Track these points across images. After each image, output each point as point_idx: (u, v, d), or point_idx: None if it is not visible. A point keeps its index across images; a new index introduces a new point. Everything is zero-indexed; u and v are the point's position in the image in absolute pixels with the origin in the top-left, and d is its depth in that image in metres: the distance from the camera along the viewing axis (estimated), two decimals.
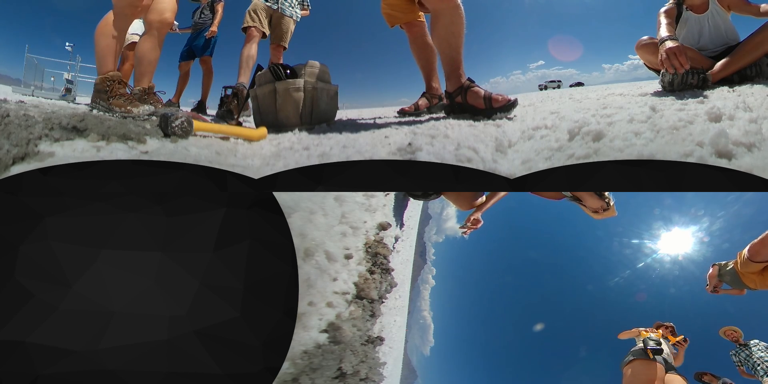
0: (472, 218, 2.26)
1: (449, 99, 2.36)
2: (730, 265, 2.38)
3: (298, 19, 3.06)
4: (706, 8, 2.56)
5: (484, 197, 2.30)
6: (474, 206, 2.29)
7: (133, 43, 3.03)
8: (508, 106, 2.21)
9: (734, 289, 2.43)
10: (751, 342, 2.45)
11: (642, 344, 2.31)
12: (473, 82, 2.26)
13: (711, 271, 2.47)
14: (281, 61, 2.98)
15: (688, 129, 1.85)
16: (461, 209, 2.35)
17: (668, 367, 2.27)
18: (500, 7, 2.94)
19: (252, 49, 2.93)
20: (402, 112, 2.75)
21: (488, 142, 2.00)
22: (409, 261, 3.12)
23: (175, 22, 3.24)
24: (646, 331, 2.40)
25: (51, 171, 1.79)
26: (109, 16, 2.26)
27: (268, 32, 3.00)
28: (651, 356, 2.25)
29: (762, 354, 2.37)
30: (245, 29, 2.97)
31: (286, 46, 3.04)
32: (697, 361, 2.53)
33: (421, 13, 2.59)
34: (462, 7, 2.19)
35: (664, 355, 2.30)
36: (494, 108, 2.21)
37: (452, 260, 3.28)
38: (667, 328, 2.48)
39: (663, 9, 2.58)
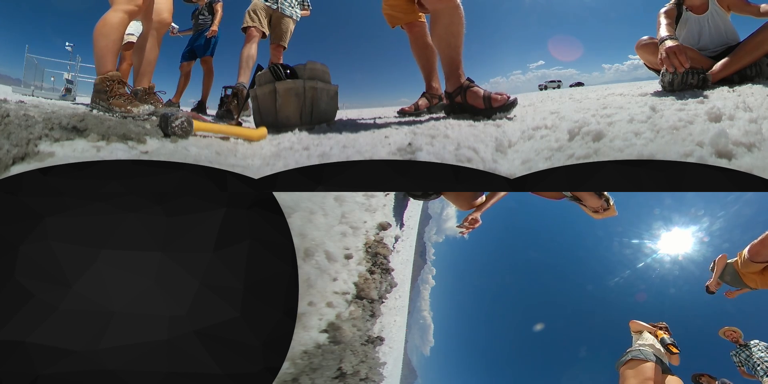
0: (470, 218, 2.26)
1: (449, 99, 2.38)
2: (731, 264, 2.38)
3: (298, 19, 3.06)
4: (706, 9, 2.55)
5: (483, 197, 2.29)
6: (474, 206, 2.29)
7: (130, 44, 3.03)
8: (508, 105, 2.21)
9: (744, 289, 2.43)
10: (752, 342, 2.45)
11: (661, 344, 2.30)
12: (473, 82, 2.27)
13: (719, 257, 2.44)
14: (281, 61, 2.97)
15: (688, 129, 1.85)
16: (461, 209, 2.35)
17: (665, 369, 2.28)
18: (500, 7, 2.94)
19: (252, 49, 2.93)
20: (402, 112, 2.75)
21: (488, 142, 1.99)
22: (409, 261, 3.12)
23: (174, 25, 3.24)
24: (661, 330, 2.41)
25: (51, 171, 1.78)
26: (107, 16, 2.26)
27: (267, 32, 3.00)
28: (675, 351, 2.26)
29: (762, 354, 2.37)
30: (245, 29, 2.97)
31: (286, 46, 3.04)
32: (697, 361, 2.52)
33: (422, 14, 2.60)
34: (461, 8, 2.20)
35: (660, 355, 2.29)
36: (494, 108, 2.21)
37: (452, 260, 3.28)
38: (661, 328, 2.48)
39: (663, 10, 2.58)
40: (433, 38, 2.30)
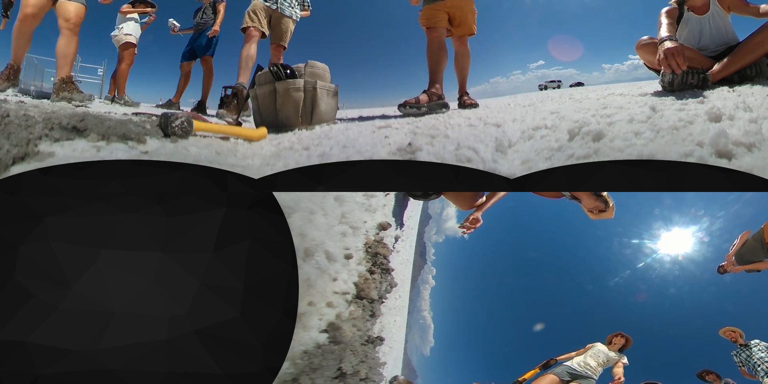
0: (471, 218, 2.25)
1: (459, 99, 2.98)
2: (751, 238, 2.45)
3: (298, 19, 3.06)
4: (707, 9, 2.55)
5: (484, 197, 2.29)
6: (474, 206, 2.28)
7: (128, 44, 3.05)
8: (470, 106, 2.90)
9: (754, 264, 2.47)
10: (752, 342, 2.45)
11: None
12: (467, 94, 2.99)
13: (743, 233, 2.52)
14: (281, 61, 2.97)
15: (688, 129, 1.84)
16: (461, 209, 2.34)
17: (573, 377, 2.44)
18: (500, 7, 2.94)
19: (251, 50, 2.93)
20: (404, 105, 2.75)
21: (488, 142, 2.00)
22: (409, 261, 3.12)
23: (176, 24, 3.24)
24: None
25: (51, 171, 1.79)
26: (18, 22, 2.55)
27: (267, 32, 3.00)
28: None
29: (762, 354, 2.37)
30: (244, 29, 2.97)
31: (286, 46, 3.04)
32: (697, 361, 2.52)
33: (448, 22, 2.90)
34: (469, 49, 2.98)
35: (561, 370, 2.47)
36: (465, 105, 2.92)
37: (452, 260, 3.27)
38: (620, 336, 2.57)
39: (664, 9, 2.58)
40: (455, 66, 2.98)
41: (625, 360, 2.54)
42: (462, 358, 3.02)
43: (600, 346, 2.58)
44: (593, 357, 2.53)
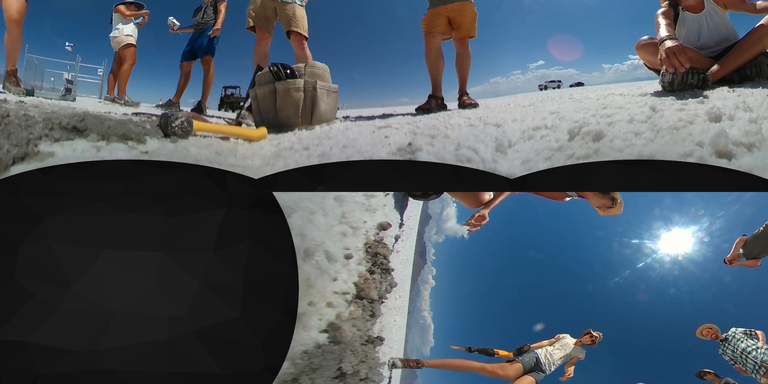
0: (477, 215, 2.22)
1: (459, 99, 3.01)
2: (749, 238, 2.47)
3: (303, 3, 2.93)
4: (702, 7, 2.55)
5: (491, 194, 2.28)
6: (482, 204, 2.27)
7: (128, 44, 3.05)
8: (470, 106, 2.92)
9: (749, 261, 2.49)
10: (729, 333, 2.44)
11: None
12: (467, 93, 3.00)
13: (738, 239, 2.55)
14: (304, 50, 2.84)
15: (688, 129, 1.84)
16: (469, 207, 2.32)
17: (531, 369, 2.54)
18: (500, 8, 2.94)
19: (261, 50, 2.91)
20: (421, 109, 2.88)
21: (488, 142, 2.00)
22: (409, 261, 3.12)
23: (176, 22, 3.25)
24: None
25: (51, 171, 1.79)
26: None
27: (273, 25, 2.95)
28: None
29: (744, 344, 2.36)
30: (252, 29, 2.94)
31: (305, 35, 2.90)
32: (696, 361, 2.53)
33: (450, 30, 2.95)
34: (470, 51, 3.02)
35: (529, 358, 2.58)
36: (465, 105, 2.94)
37: (452, 260, 3.28)
38: (590, 336, 2.64)
39: (659, 11, 2.57)
40: (456, 67, 3.01)
41: (582, 356, 2.65)
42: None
43: (568, 339, 2.67)
44: (559, 349, 2.64)
